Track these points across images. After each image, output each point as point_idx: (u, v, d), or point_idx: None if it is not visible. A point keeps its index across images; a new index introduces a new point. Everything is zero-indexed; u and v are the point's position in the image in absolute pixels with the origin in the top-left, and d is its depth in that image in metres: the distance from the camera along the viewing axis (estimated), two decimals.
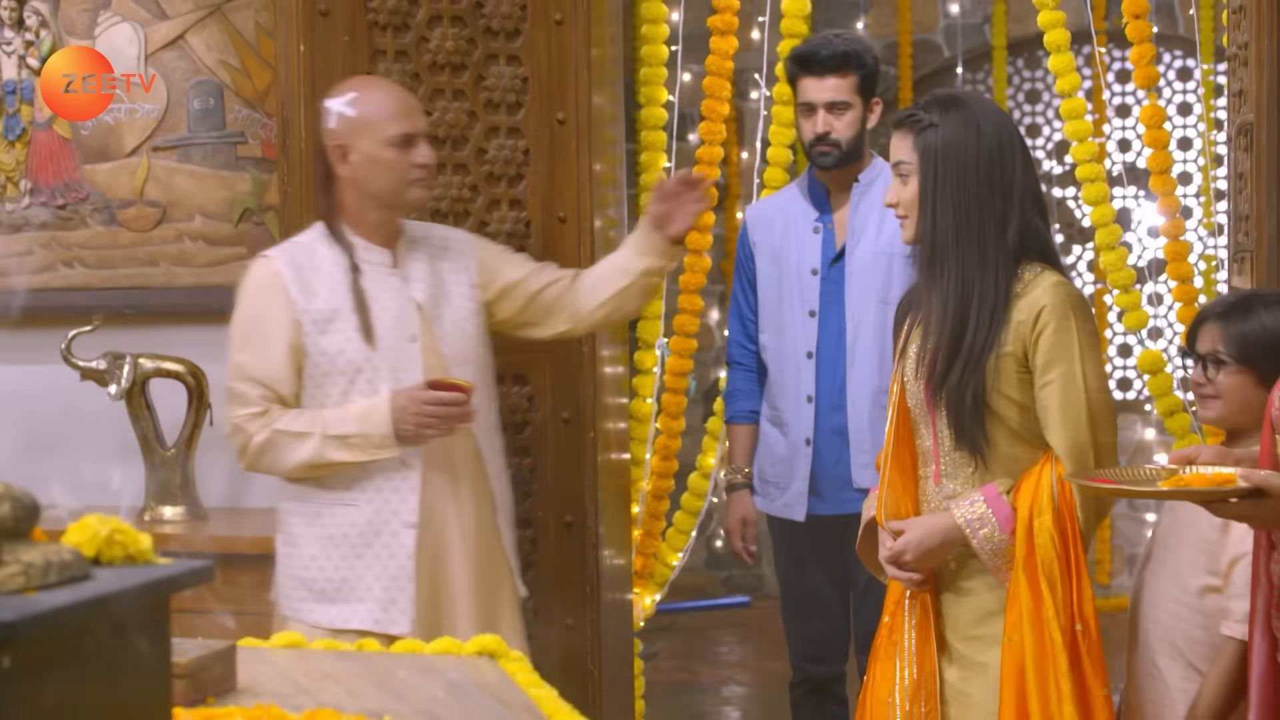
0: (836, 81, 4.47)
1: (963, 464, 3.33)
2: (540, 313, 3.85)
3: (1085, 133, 4.46)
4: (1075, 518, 3.24)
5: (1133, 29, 4.49)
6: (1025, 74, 9.10)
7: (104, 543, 1.81)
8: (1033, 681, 3.19)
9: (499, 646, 2.25)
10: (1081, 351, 3.26)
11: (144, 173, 4.80)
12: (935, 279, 3.30)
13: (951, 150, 3.29)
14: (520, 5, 4.28)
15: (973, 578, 3.37)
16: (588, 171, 4.34)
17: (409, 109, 3.66)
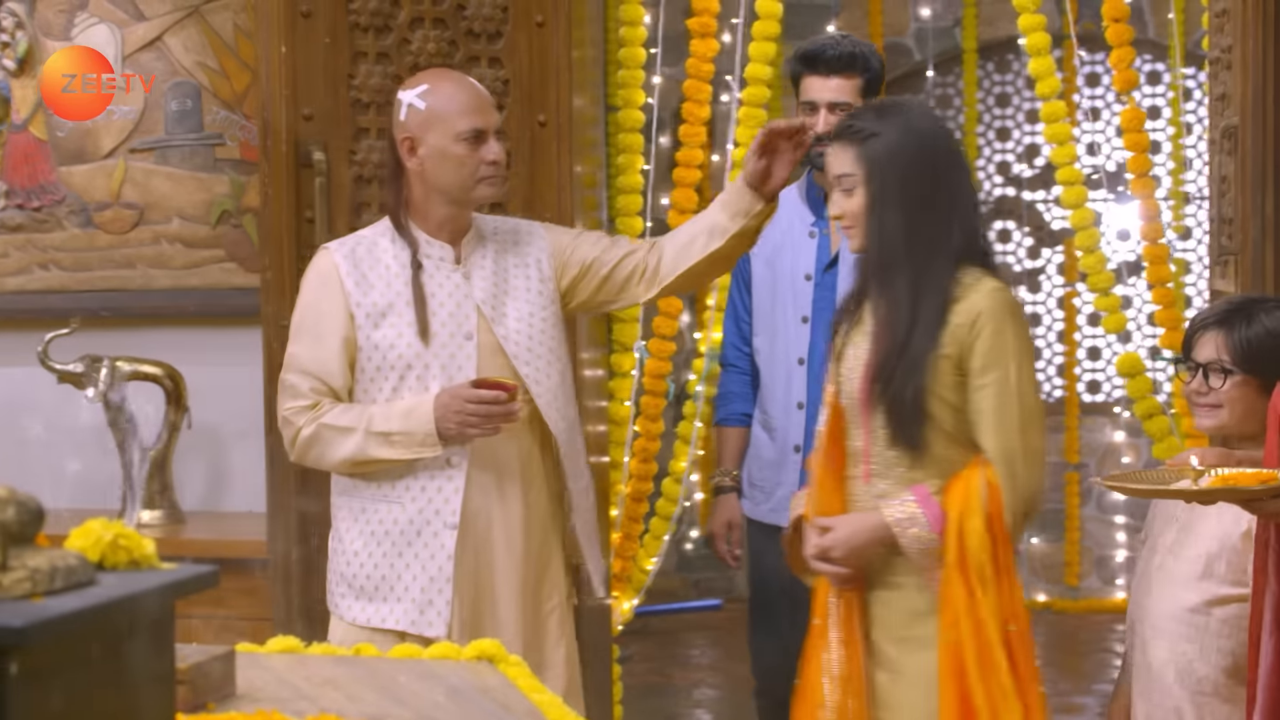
0: (841, 82, 4.44)
1: (894, 464, 3.36)
2: (617, 288, 3.78)
3: (1065, 136, 4.48)
4: (1004, 520, 3.28)
5: (1112, 33, 4.51)
6: (995, 77, 9.13)
7: (108, 547, 1.80)
8: (976, 679, 3.22)
9: (498, 651, 2.24)
10: (1016, 357, 3.31)
11: (121, 175, 4.78)
12: (885, 285, 3.34)
13: (896, 158, 3.33)
14: (501, 7, 4.27)
15: (901, 579, 3.39)
16: (569, 174, 4.33)
17: (481, 104, 3.59)
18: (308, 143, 4.09)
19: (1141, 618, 3.38)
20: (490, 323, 3.61)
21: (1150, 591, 3.36)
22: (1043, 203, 8.94)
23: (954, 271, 3.34)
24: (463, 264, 3.65)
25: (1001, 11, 8.93)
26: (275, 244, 4.09)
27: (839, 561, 3.39)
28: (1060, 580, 8.84)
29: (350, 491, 3.62)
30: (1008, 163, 9.06)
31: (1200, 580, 3.24)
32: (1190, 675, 3.23)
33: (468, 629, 3.51)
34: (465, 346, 3.58)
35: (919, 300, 3.30)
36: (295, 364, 3.59)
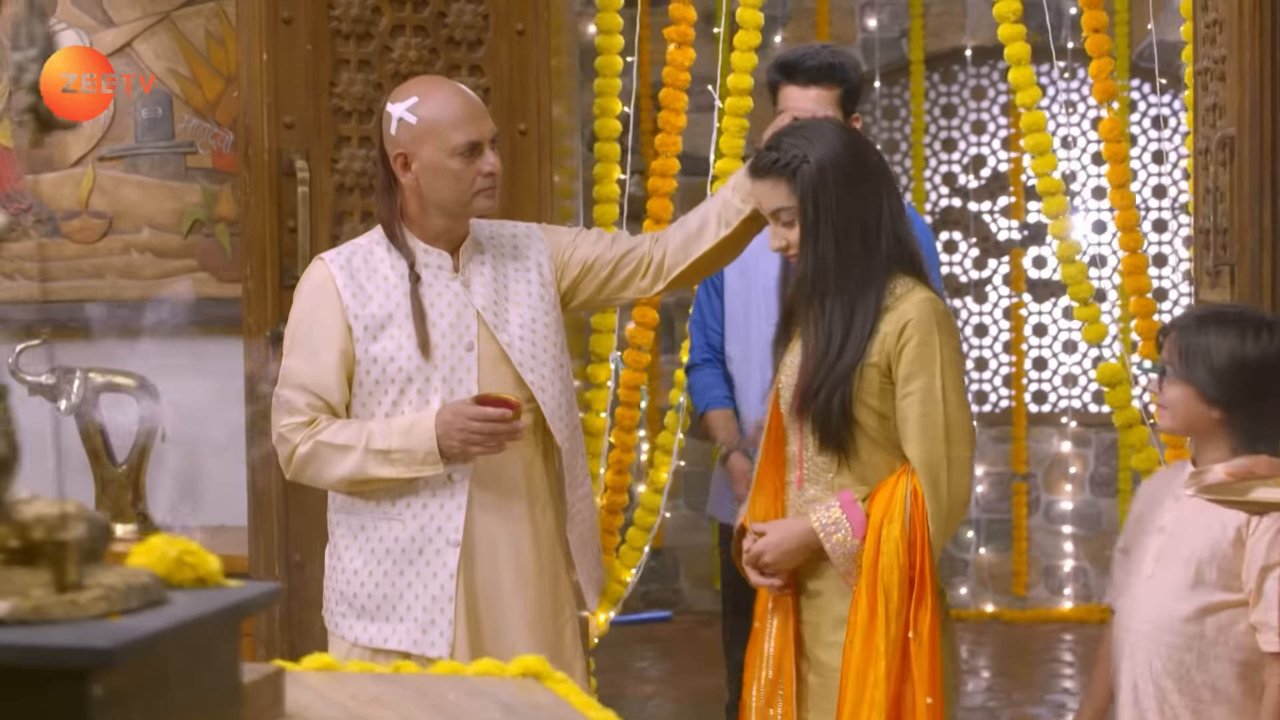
0: (820, 92, 4.43)
1: (824, 469, 3.40)
2: (621, 284, 3.70)
3: (1046, 145, 4.49)
4: (927, 529, 3.30)
5: (1092, 43, 4.53)
6: (941, 88, 9.16)
7: (173, 564, 1.75)
8: (851, 686, 3.28)
9: (543, 668, 2.20)
10: (943, 366, 3.33)
11: (89, 183, 4.70)
12: (817, 305, 3.36)
13: (827, 179, 3.34)
14: (482, 15, 4.24)
15: (828, 583, 3.42)
16: (549, 182, 4.31)
17: (474, 114, 3.47)
18: (289, 151, 4.04)
19: (1131, 628, 3.38)
20: (493, 330, 3.52)
21: (1140, 602, 3.37)
22: (989, 213, 8.98)
23: (885, 282, 3.37)
24: (461, 272, 3.55)
25: (948, 23, 9.00)
26: (258, 253, 4.03)
27: (769, 567, 3.44)
28: (1008, 590, 8.88)
29: (349, 509, 3.53)
30: (954, 174, 9.09)
31: (1192, 589, 3.25)
32: (1190, 683, 3.25)
33: (471, 649, 3.43)
34: (466, 358, 3.50)
35: (851, 314, 3.34)
36: (291, 378, 3.48)
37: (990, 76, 9.10)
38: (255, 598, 1.75)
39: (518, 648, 3.39)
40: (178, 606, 1.66)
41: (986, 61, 9.04)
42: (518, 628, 3.53)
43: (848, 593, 3.37)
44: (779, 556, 3.42)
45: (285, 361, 3.53)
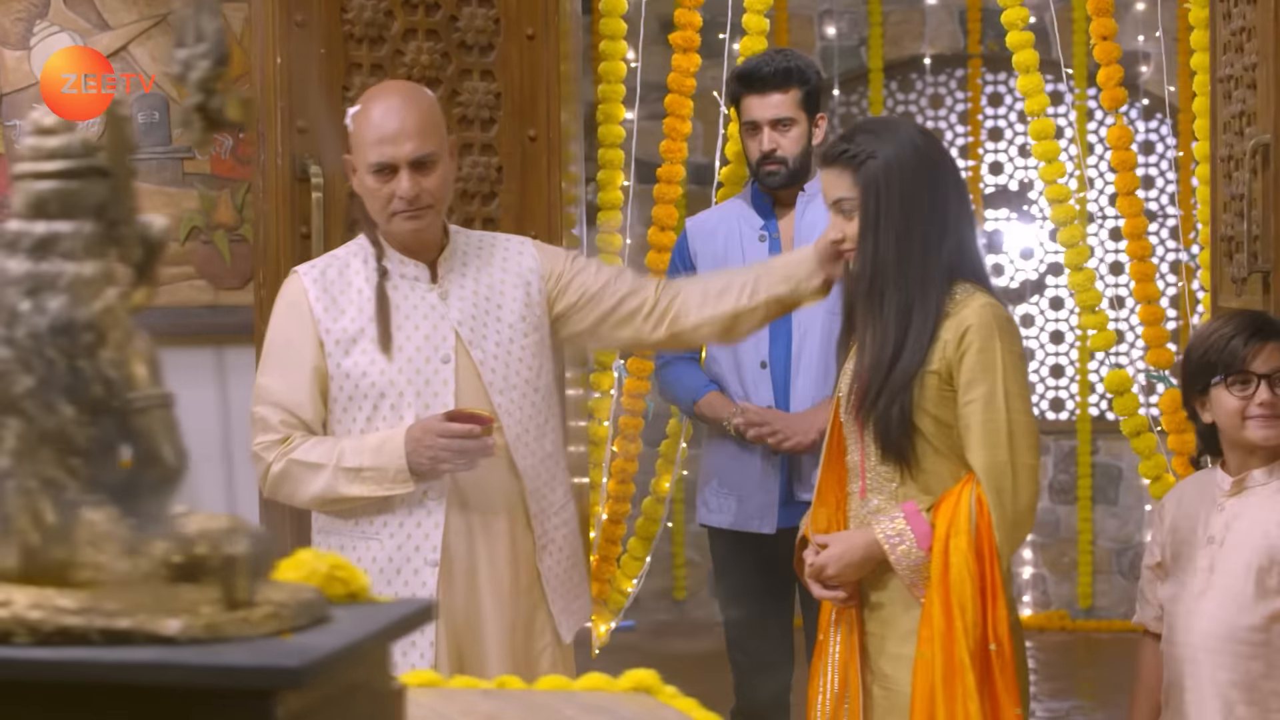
0: (780, 98, 4.44)
1: (887, 479, 3.36)
2: (620, 321, 3.55)
3: (1054, 153, 4.49)
4: (993, 539, 3.26)
5: (1100, 50, 4.54)
6: (900, 96, 9.19)
7: (324, 580, 1.71)
8: (941, 700, 3.22)
9: (654, 681, 2.17)
10: (1005, 372, 3.28)
11: None
12: (874, 304, 3.32)
13: (892, 177, 3.30)
14: (493, 19, 4.20)
15: (893, 595, 3.39)
16: (558, 190, 4.27)
17: (395, 134, 3.33)
18: (303, 156, 3.98)
19: (1188, 643, 3.33)
20: (467, 345, 3.41)
21: (1197, 615, 3.31)
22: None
23: (947, 288, 3.33)
24: (439, 283, 3.46)
25: (906, 31, 9.04)
26: (271, 260, 3.97)
27: (832, 580, 3.40)
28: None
29: (329, 529, 3.46)
30: None
31: (1257, 598, 3.22)
32: (1259, 692, 3.22)
33: (451, 669, 3.29)
34: (442, 370, 3.39)
35: (909, 319, 3.29)
36: (265, 396, 3.41)
37: (948, 85, 9.15)
38: (412, 614, 1.71)
39: (493, 669, 3.28)
40: (342, 623, 1.62)
41: (944, 70, 9.09)
42: (496, 648, 3.42)
43: (913, 605, 3.33)
44: (841, 569, 3.37)
45: (259, 379, 3.46)
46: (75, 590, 1.54)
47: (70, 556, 1.55)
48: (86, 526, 1.55)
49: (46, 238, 1.57)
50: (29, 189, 1.58)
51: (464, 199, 4.18)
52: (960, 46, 8.89)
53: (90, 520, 1.55)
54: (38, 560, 1.54)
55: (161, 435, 1.56)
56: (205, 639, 1.52)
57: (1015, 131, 8.97)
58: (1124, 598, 8.58)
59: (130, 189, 1.60)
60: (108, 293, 1.56)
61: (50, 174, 1.58)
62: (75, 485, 1.55)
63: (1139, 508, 8.56)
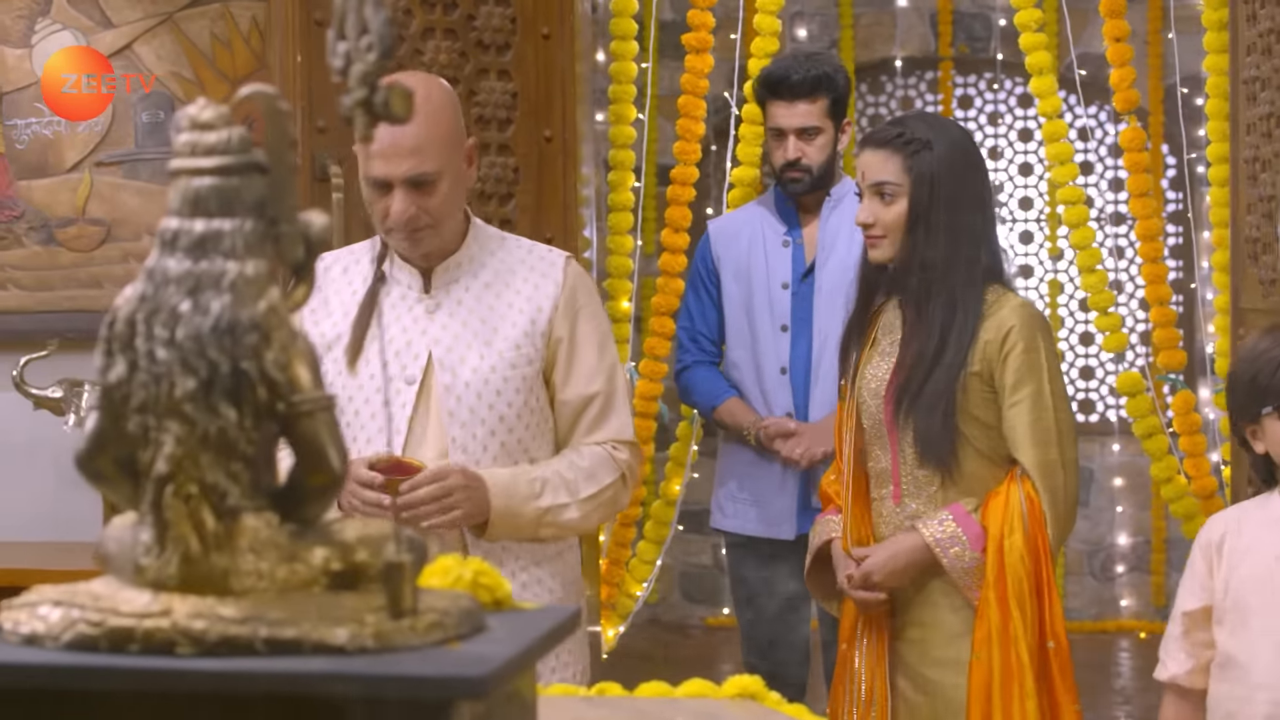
0: (807, 107, 4.40)
1: (925, 483, 3.35)
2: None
3: (1067, 155, 4.50)
4: (1046, 535, 3.27)
5: (1113, 52, 4.54)
6: (870, 98, 9.19)
7: (470, 586, 1.67)
8: (998, 701, 3.22)
9: (759, 688, 2.14)
10: (1049, 371, 3.31)
11: (86, 189, 4.53)
12: (923, 301, 3.31)
13: (947, 172, 3.30)
14: (510, 18, 4.17)
15: (938, 600, 3.38)
16: (574, 191, 4.25)
17: (393, 149, 2.96)
18: (323, 155, 3.93)
19: (1260, 684, 3.01)
20: (439, 367, 3.03)
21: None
22: None
23: (984, 288, 3.33)
24: (432, 294, 3.09)
25: (877, 34, 9.03)
26: None
27: (879, 585, 3.37)
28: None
29: None
30: None
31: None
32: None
33: None
34: (404, 392, 3.03)
35: (953, 319, 3.29)
36: None
37: (918, 87, 9.15)
38: (564, 621, 1.67)
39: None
40: (499, 632, 1.59)
41: (914, 72, 9.09)
42: None
43: (959, 608, 3.32)
44: (888, 575, 3.35)
45: None
46: (237, 599, 1.49)
47: (231, 564, 1.50)
48: (248, 533, 1.51)
49: (207, 236, 1.52)
50: (186, 185, 1.54)
51: (481, 199, 4.14)
52: (931, 49, 8.89)
53: (252, 527, 1.51)
54: (198, 568, 1.50)
55: (327, 439, 1.52)
56: (374, 648, 1.48)
57: (985, 134, 8.98)
58: (1095, 599, 8.61)
59: (291, 185, 1.55)
60: (271, 292, 1.51)
61: (208, 170, 1.53)
62: (237, 491, 1.51)
63: (1110, 509, 8.59)
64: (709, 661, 7.58)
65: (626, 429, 3.16)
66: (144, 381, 1.50)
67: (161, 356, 1.50)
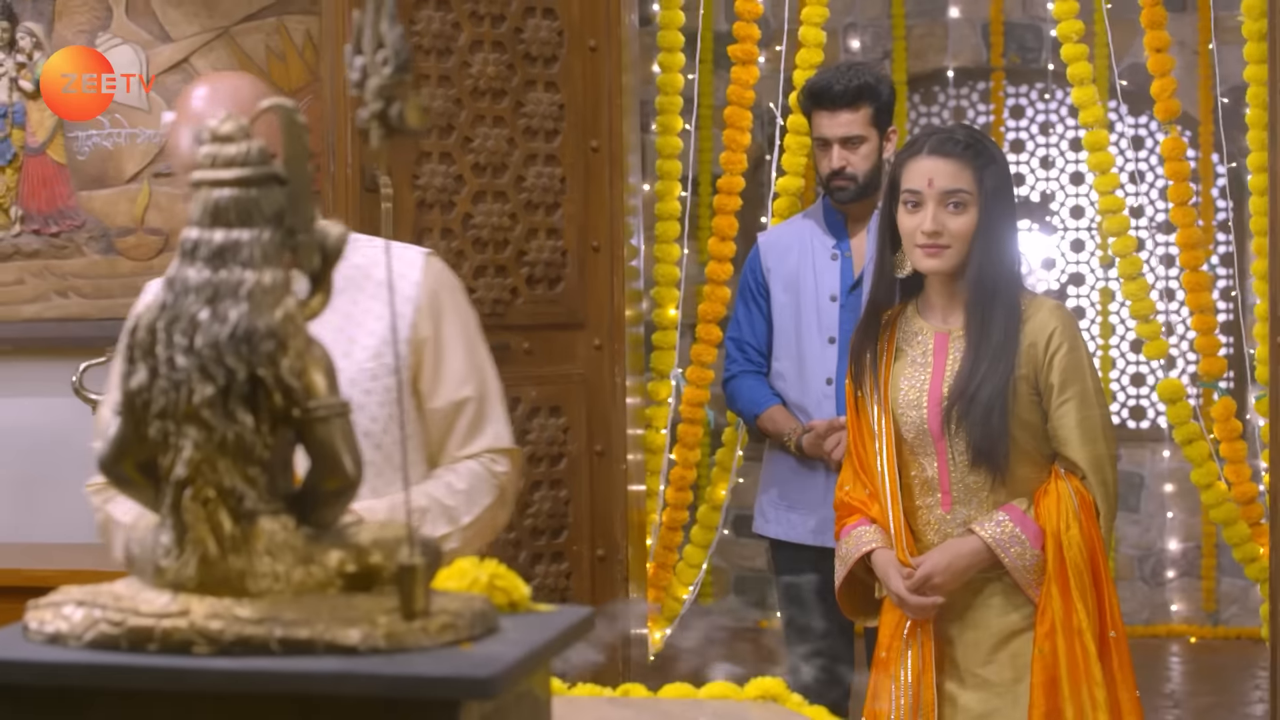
0: (850, 116, 4.43)
1: (977, 489, 3.39)
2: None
3: (1108, 164, 4.50)
4: (1099, 527, 3.35)
5: (1154, 63, 4.55)
6: (923, 109, 9.20)
7: (485, 589, 1.71)
8: (1067, 692, 3.27)
9: (781, 690, 2.18)
10: (1089, 369, 3.41)
11: (145, 200, 4.61)
12: (986, 310, 3.36)
13: (1006, 186, 3.41)
14: (557, 30, 4.21)
15: (991, 600, 3.42)
16: (620, 200, 4.30)
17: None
18: (372, 168, 3.98)
19: None
20: None
21: None
22: None
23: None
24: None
25: (929, 45, 9.04)
26: None
27: (939, 588, 3.39)
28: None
29: None
30: None
31: None
32: None
33: None
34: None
35: (1007, 322, 3.35)
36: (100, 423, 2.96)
37: (970, 97, 9.16)
38: (578, 623, 1.71)
39: None
40: (512, 633, 1.62)
41: (966, 82, 9.10)
42: None
43: (1015, 607, 3.37)
44: (949, 578, 3.38)
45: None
46: (253, 600, 1.54)
47: (248, 566, 1.55)
48: (264, 536, 1.55)
49: (226, 246, 1.57)
50: (206, 197, 1.58)
51: (529, 209, 4.19)
52: (983, 59, 8.90)
53: (268, 530, 1.55)
54: (215, 570, 1.54)
55: (341, 444, 1.56)
56: (386, 649, 1.52)
57: (1037, 144, 8.98)
58: (1146, 604, 8.59)
59: (308, 196, 1.60)
60: (288, 300, 1.56)
61: (228, 182, 1.58)
62: (253, 494, 1.55)
63: (1160, 515, 8.58)
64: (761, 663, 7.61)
65: (503, 436, 2.90)
66: (164, 388, 1.55)
67: (181, 364, 1.54)
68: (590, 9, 4.25)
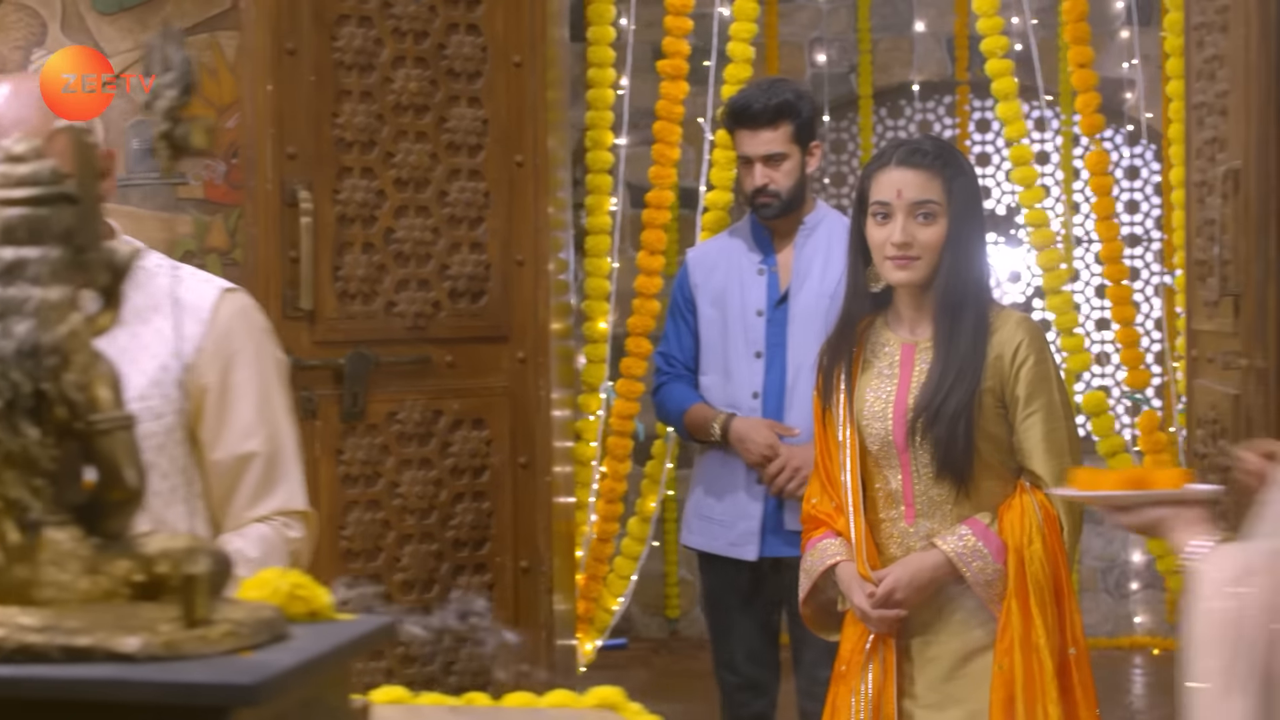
0: (771, 134, 4.47)
1: (941, 502, 3.39)
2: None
3: (1033, 178, 4.55)
4: (1063, 542, 3.35)
5: (1078, 78, 4.59)
6: (889, 122, 9.25)
7: (286, 598, 1.75)
8: (1021, 708, 3.26)
9: (619, 699, 2.20)
10: (1056, 383, 3.40)
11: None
12: (955, 322, 3.35)
13: (975, 197, 3.42)
14: (481, 47, 4.25)
15: (952, 616, 3.42)
16: (544, 214, 4.33)
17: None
18: (292, 182, 4.02)
19: None
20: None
21: None
22: None
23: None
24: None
25: (895, 59, 9.09)
26: (260, 283, 4.01)
27: (901, 603, 3.40)
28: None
29: None
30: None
31: None
32: None
33: None
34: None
35: (975, 333, 3.36)
36: None
37: (936, 111, 9.21)
38: (373, 632, 1.74)
39: None
40: (301, 641, 1.66)
41: (932, 96, 9.15)
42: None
43: (976, 624, 3.38)
44: (911, 592, 3.38)
45: None
46: (38, 609, 1.57)
47: (33, 576, 1.58)
48: (49, 546, 1.59)
49: (14, 263, 1.61)
50: None
51: (452, 223, 4.23)
52: (948, 73, 8.95)
53: (53, 540, 1.59)
54: (1, 579, 1.58)
55: (123, 457, 1.60)
56: (164, 656, 1.55)
57: (1002, 157, 9.00)
58: (1110, 616, 8.62)
59: (97, 215, 1.64)
60: (73, 317, 1.60)
61: (19, 201, 1.62)
62: (39, 506, 1.59)
63: None
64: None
65: (297, 497, 2.67)
66: None
67: None
68: (515, 26, 4.29)
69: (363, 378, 4.06)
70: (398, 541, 4.14)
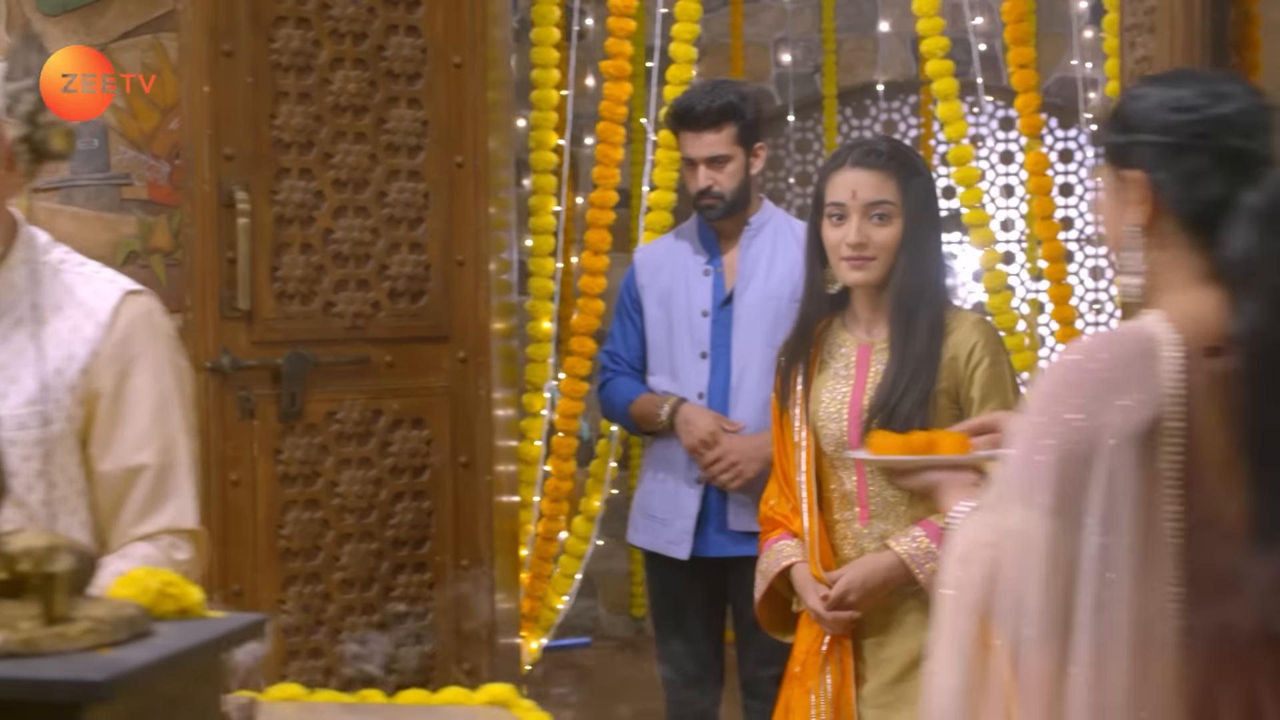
0: (714, 136, 4.49)
1: (895, 503, 3.40)
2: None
3: (974, 178, 4.58)
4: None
5: (1018, 79, 4.63)
6: (854, 122, 9.28)
7: (155, 596, 1.77)
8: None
9: (511, 696, 2.24)
10: (1011, 384, 3.41)
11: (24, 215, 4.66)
12: (910, 321, 3.38)
13: (931, 197, 3.43)
14: (420, 48, 4.27)
15: (904, 617, 3.43)
16: (485, 215, 4.35)
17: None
18: (230, 182, 4.05)
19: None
20: None
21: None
22: None
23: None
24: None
25: (860, 59, 9.12)
26: (198, 284, 4.04)
27: (855, 605, 3.41)
28: None
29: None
30: None
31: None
32: None
33: None
34: None
35: (930, 334, 3.37)
36: None
37: (901, 111, 9.25)
38: (240, 628, 1.77)
39: None
40: (164, 638, 1.69)
41: (897, 96, 9.19)
42: None
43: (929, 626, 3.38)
44: (864, 594, 3.39)
45: None
46: None
47: None
48: None
49: None
50: None
51: (391, 224, 4.25)
52: (912, 74, 8.98)
53: None
54: None
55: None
56: (21, 653, 1.58)
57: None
58: None
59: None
60: None
61: None
62: None
63: None
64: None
65: (187, 514, 2.54)
66: None
67: None
68: (455, 27, 4.31)
69: (301, 377, 4.08)
70: (337, 540, 4.17)
